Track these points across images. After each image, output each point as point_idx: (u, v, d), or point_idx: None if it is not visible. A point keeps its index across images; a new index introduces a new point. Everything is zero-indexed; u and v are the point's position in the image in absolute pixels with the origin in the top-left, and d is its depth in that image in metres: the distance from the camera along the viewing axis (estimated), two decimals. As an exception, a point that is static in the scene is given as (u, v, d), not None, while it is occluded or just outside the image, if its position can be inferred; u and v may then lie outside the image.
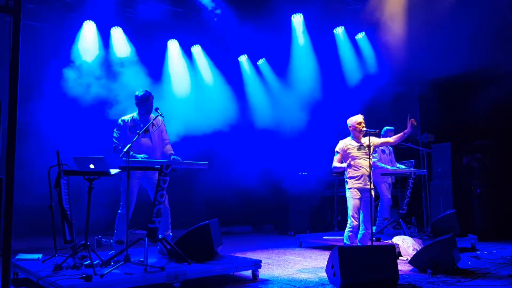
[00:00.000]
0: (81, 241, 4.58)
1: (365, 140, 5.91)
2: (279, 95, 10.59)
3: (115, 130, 5.45)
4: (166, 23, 9.31)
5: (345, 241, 5.77)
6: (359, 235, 5.91)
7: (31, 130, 7.84)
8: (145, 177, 5.38)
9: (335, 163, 5.95)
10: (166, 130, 5.68)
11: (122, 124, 5.45)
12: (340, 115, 6.94)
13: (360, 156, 5.83)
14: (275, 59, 10.70)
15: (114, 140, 5.38)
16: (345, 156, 5.89)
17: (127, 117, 5.52)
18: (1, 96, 2.46)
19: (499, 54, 7.87)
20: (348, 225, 5.78)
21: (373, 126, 5.79)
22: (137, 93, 5.51)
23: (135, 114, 5.54)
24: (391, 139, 6.35)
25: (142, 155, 5.14)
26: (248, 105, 10.79)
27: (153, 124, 5.46)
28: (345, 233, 5.79)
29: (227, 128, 9.96)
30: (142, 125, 5.32)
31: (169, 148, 5.56)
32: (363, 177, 5.76)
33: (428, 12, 8.16)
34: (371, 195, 5.73)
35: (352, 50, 9.95)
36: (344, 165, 5.83)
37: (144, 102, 5.44)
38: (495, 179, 8.53)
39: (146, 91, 5.52)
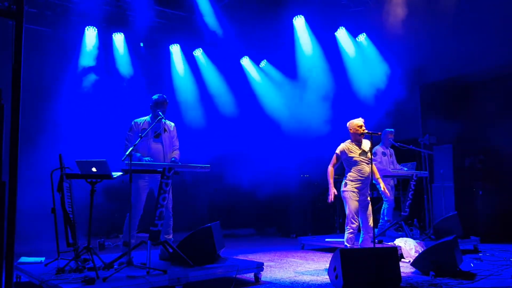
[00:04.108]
0: (84, 244, 4.59)
1: (365, 145, 5.91)
2: (281, 97, 10.60)
3: (127, 131, 5.45)
4: (168, 27, 9.34)
5: (345, 243, 5.76)
6: (360, 240, 5.90)
7: (34, 134, 7.86)
8: (154, 181, 5.37)
9: (330, 168, 5.93)
10: (177, 136, 5.69)
11: (134, 126, 5.45)
12: (341, 116, 6.95)
13: (362, 160, 5.82)
14: (277, 60, 10.71)
15: (126, 142, 5.39)
16: (347, 159, 5.86)
17: (140, 120, 5.52)
18: (4, 99, 2.47)
19: (502, 55, 7.87)
20: (346, 227, 5.77)
21: (374, 128, 5.79)
22: (153, 97, 5.52)
23: (148, 118, 5.54)
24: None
25: (147, 158, 5.15)
26: (250, 107, 10.79)
27: (165, 129, 5.48)
28: (345, 235, 5.78)
29: (230, 131, 9.97)
30: (154, 129, 5.34)
31: (174, 153, 5.55)
32: (364, 182, 5.76)
33: (430, 14, 8.17)
34: (368, 198, 5.73)
35: (353, 52, 9.96)
36: (329, 181, 5.86)
37: (159, 106, 5.42)
38: (497, 181, 8.51)
39: (161, 95, 5.51)
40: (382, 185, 6.18)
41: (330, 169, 5.93)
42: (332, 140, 6.29)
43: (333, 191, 5.81)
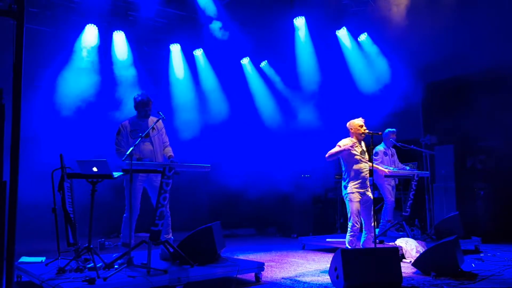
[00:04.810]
0: (84, 244, 4.59)
1: (363, 145, 5.93)
2: (282, 97, 10.59)
3: (116, 135, 5.46)
4: (169, 27, 9.32)
5: (346, 245, 5.75)
6: (362, 239, 5.89)
7: (35, 133, 7.86)
8: (148, 180, 5.39)
9: (331, 151, 5.84)
10: (165, 132, 5.68)
11: (122, 129, 5.45)
12: (343, 116, 6.93)
13: (362, 159, 5.82)
14: (278, 61, 10.70)
15: (116, 146, 5.40)
16: (348, 156, 5.83)
17: (126, 122, 5.52)
18: (5, 99, 2.47)
19: (504, 55, 7.85)
20: (349, 228, 5.76)
21: (376, 128, 5.79)
22: (135, 97, 5.51)
23: (134, 118, 5.55)
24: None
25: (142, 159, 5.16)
26: (250, 108, 10.79)
27: (153, 128, 5.46)
28: (347, 237, 5.77)
29: (230, 130, 9.96)
30: (142, 128, 5.33)
31: (168, 150, 5.55)
32: (364, 181, 5.75)
33: (432, 13, 8.14)
34: (371, 198, 5.73)
35: (354, 52, 9.95)
36: (337, 149, 5.75)
37: (143, 106, 5.42)
38: (498, 181, 8.50)
39: (144, 95, 5.49)
40: (378, 167, 6.13)
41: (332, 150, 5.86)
42: (332, 140, 6.27)
43: (346, 147, 5.73)
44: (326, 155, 5.86)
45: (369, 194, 5.77)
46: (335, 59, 9.99)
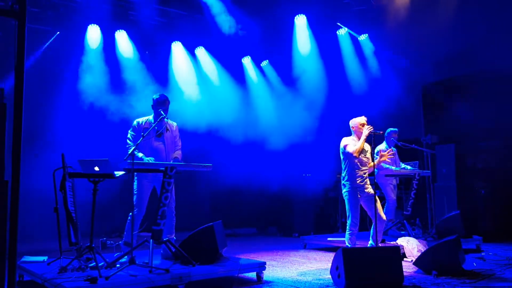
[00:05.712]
0: (86, 243, 4.60)
1: (366, 145, 5.92)
2: (283, 96, 10.59)
3: (129, 131, 5.46)
4: (170, 26, 9.33)
5: (346, 243, 5.75)
6: (371, 233, 5.91)
7: (36, 133, 7.88)
8: (157, 180, 5.37)
9: (352, 148, 5.72)
10: (179, 136, 5.67)
11: (136, 126, 5.45)
12: (344, 116, 6.94)
13: (362, 157, 5.81)
14: (278, 60, 10.69)
15: (128, 141, 5.40)
16: (348, 154, 5.82)
17: (142, 120, 5.52)
18: (6, 99, 2.47)
19: (503, 55, 7.85)
20: (347, 227, 5.76)
21: (377, 128, 5.78)
22: (154, 96, 5.51)
23: (150, 117, 5.54)
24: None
25: (149, 158, 5.15)
26: (252, 107, 10.79)
27: (167, 129, 5.47)
28: (346, 235, 5.77)
29: (232, 130, 9.96)
30: (156, 128, 5.33)
31: (177, 153, 5.54)
32: (363, 179, 5.75)
33: (432, 13, 8.15)
34: (372, 193, 5.72)
35: (355, 51, 9.94)
36: (362, 139, 5.69)
37: (160, 106, 5.40)
38: (499, 180, 8.50)
39: (162, 94, 5.50)
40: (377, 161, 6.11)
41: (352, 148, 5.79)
42: (334, 140, 6.27)
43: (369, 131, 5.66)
44: (355, 153, 5.67)
45: (369, 190, 5.76)
46: (335, 58, 9.98)
